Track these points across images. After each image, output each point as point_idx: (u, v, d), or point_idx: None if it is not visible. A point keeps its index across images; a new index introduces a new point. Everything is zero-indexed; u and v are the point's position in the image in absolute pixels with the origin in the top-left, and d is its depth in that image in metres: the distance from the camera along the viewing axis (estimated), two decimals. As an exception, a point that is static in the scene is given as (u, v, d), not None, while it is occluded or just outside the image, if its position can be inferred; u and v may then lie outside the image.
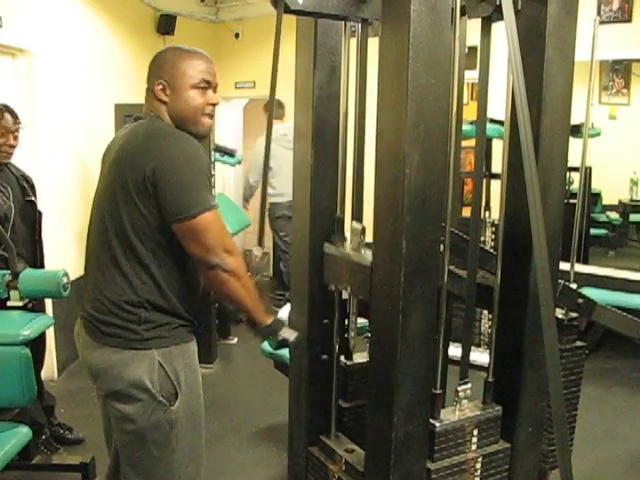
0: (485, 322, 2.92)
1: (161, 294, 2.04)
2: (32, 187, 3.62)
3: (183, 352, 2.12)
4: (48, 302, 4.26)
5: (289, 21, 1.86)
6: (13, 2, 4.43)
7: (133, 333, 2.03)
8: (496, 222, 2.69)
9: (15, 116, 3.43)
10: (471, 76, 2.01)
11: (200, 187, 1.96)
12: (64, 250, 4.62)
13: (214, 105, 2.12)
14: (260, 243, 2.18)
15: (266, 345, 3.58)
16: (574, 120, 2.00)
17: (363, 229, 2.01)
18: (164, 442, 2.08)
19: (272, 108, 2.02)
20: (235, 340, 5.97)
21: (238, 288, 2.01)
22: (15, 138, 3.43)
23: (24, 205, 3.50)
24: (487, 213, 4.13)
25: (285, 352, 2.83)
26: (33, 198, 3.58)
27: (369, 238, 1.91)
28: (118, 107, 5.33)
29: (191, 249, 1.99)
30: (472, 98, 6.54)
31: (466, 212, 4.65)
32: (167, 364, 2.05)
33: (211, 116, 2.13)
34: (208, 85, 2.11)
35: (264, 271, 2.15)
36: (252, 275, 2.11)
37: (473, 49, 1.93)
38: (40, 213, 3.64)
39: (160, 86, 2.08)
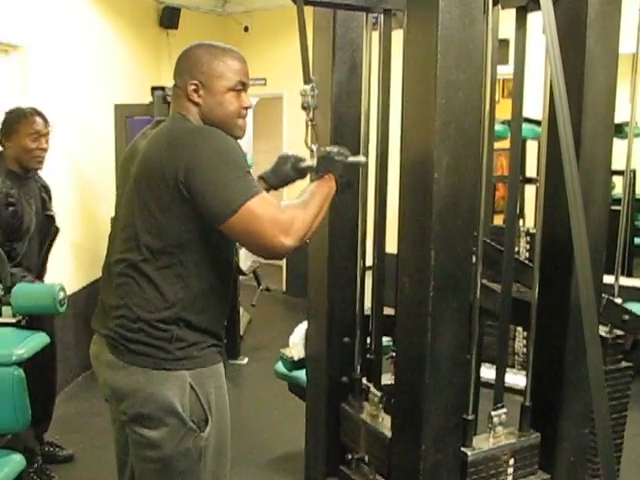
0: (520, 340, 2.90)
1: (196, 310, 2.04)
2: (50, 199, 3.68)
3: (214, 374, 2.12)
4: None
5: (305, 12, 1.87)
6: (6, -3, 4.48)
7: (164, 352, 2.02)
8: (531, 231, 2.68)
9: (45, 119, 3.48)
10: (503, 71, 2.00)
11: (237, 178, 1.94)
12: (59, 262, 4.64)
13: (248, 108, 2.14)
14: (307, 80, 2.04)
15: (280, 366, 3.59)
16: (617, 119, 1.98)
17: (383, 394, 2.06)
18: (190, 472, 2.07)
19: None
20: (245, 360, 5.97)
21: (313, 226, 2.00)
22: (47, 141, 3.50)
23: (43, 219, 3.55)
24: (521, 221, 4.12)
25: (301, 373, 2.83)
26: (52, 212, 3.63)
27: (392, 248, 1.91)
28: (118, 107, 5.36)
29: (249, 247, 2.01)
30: (503, 95, 6.53)
31: (497, 220, 4.65)
32: (199, 387, 2.05)
33: (245, 118, 2.15)
34: (243, 87, 2.13)
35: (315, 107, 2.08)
36: (307, 114, 2.02)
37: (505, 42, 1.92)
38: (57, 229, 3.68)
39: (193, 86, 2.08)
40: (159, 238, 2.00)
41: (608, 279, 2.17)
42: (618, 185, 3.88)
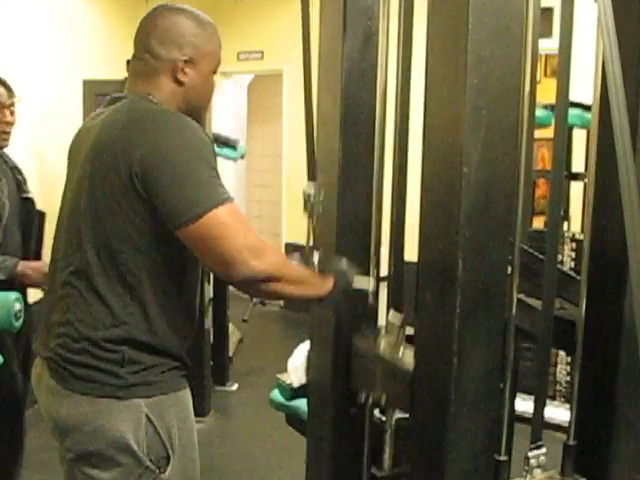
0: (563, 367, 2.90)
1: (150, 327, 2.02)
2: (25, 181, 3.64)
3: (176, 403, 2.10)
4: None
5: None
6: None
7: (114, 377, 2.00)
8: (577, 236, 2.68)
9: (9, 88, 3.47)
10: (546, 46, 2.00)
11: (208, 179, 1.93)
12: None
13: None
14: (312, 177, 2.14)
15: (276, 394, 3.58)
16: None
17: (404, 322, 2.03)
18: None
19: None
20: (235, 387, 5.98)
21: (284, 289, 2.00)
22: (12, 114, 3.48)
23: (20, 203, 3.51)
24: (566, 224, 4.12)
25: (301, 403, 2.82)
26: (30, 195, 3.59)
27: (412, 256, 1.91)
28: (87, 84, 5.37)
29: (206, 261, 1.99)
30: (546, 74, 6.53)
31: (537, 223, 4.64)
32: (157, 418, 2.03)
33: None
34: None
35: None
36: (310, 217, 2.11)
37: (549, 11, 1.92)
38: (42, 214, 3.65)
39: (182, 63, 2.09)
40: (107, 242, 1.99)
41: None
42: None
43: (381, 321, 2.18)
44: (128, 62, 5.33)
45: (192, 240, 1.93)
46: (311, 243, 2.26)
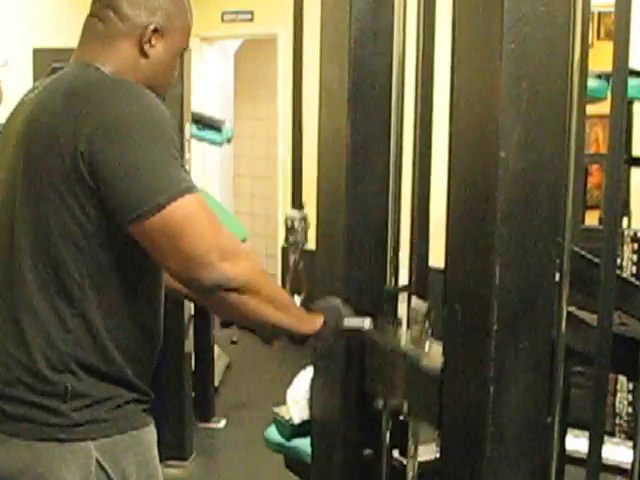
0: (624, 397, 2.90)
1: (99, 348, 2.00)
2: None
3: (135, 444, 2.09)
4: None
5: None
6: None
7: (55, 415, 1.97)
8: (640, 235, 2.68)
9: None
10: (599, 2, 2.00)
11: (171, 163, 1.92)
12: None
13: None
14: (296, 205, 2.16)
15: (273, 432, 3.59)
16: None
17: (429, 310, 2.01)
18: None
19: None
20: (222, 423, 6.00)
21: (259, 306, 1.98)
22: None
23: None
24: (625, 220, 4.12)
25: (303, 443, 2.83)
26: None
27: (438, 262, 1.91)
28: (38, 53, 5.40)
29: (167, 263, 1.95)
30: (599, 37, 6.54)
31: (591, 219, 4.64)
32: (111, 465, 2.00)
33: None
34: None
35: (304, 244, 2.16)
36: (292, 252, 2.11)
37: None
38: None
39: (151, 32, 2.10)
40: (45, 243, 1.97)
41: None
42: None
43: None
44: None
45: (149, 237, 1.91)
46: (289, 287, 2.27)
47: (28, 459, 1.99)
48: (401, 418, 2.23)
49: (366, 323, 2.11)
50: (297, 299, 2.25)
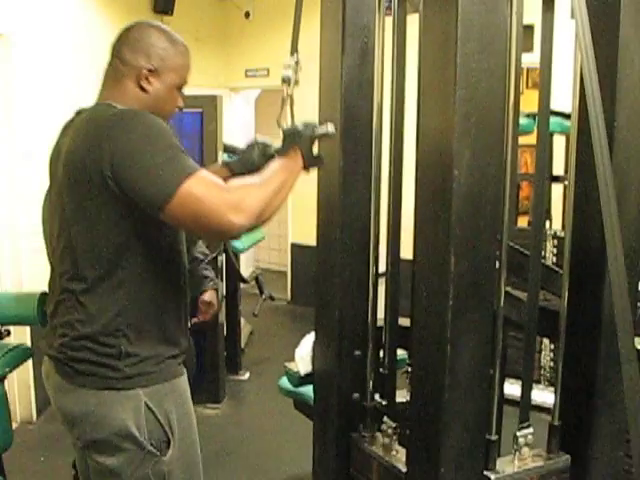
0: (547, 354, 2.90)
1: (146, 318, 2.02)
2: None
3: (174, 390, 2.09)
4: (26, 330, 4.29)
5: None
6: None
7: (112, 370, 1.99)
8: (559, 234, 2.67)
9: None
10: (528, 60, 2.00)
11: (167, 160, 1.88)
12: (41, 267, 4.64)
13: (181, 109, 2.19)
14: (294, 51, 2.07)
15: (285, 381, 3.58)
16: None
17: (396, 429, 2.04)
18: None
19: None
20: (247, 375, 5.98)
21: (272, 206, 1.94)
22: None
23: None
24: (548, 223, 4.11)
25: (308, 389, 2.82)
26: None
27: (408, 254, 1.90)
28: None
29: (199, 232, 2.01)
30: (528, 86, 6.54)
31: (521, 222, 4.64)
32: (156, 406, 2.02)
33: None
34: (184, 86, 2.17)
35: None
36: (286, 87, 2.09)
37: (530, 28, 1.91)
38: None
39: (147, 71, 2.07)
40: (93, 246, 1.97)
41: (644, 286, 2.16)
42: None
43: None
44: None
45: (176, 218, 1.89)
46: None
47: (93, 404, 1.99)
48: (381, 370, 2.23)
49: (329, 127, 2.04)
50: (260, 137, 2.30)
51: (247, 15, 8.18)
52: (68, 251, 2.01)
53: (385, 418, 2.10)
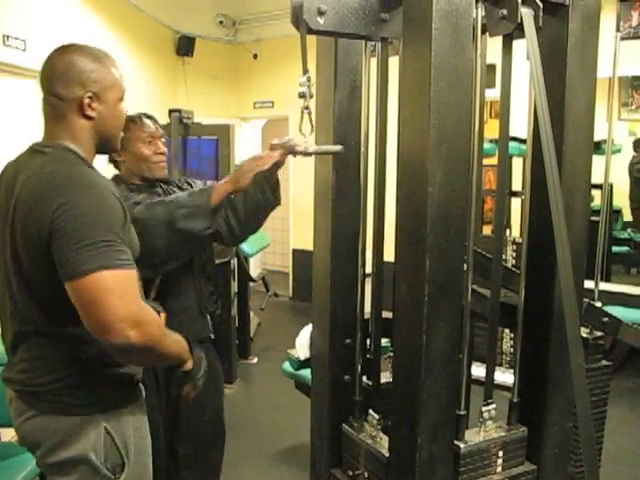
0: (508, 341, 2.89)
1: (101, 348, 1.69)
2: None
3: (133, 413, 1.90)
4: None
5: (309, 41, 1.87)
6: (34, 25, 4.48)
7: (73, 397, 1.80)
8: (517, 240, 2.67)
9: (155, 121, 2.90)
10: (491, 94, 2.00)
11: (101, 242, 1.60)
12: None
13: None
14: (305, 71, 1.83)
15: (287, 365, 3.58)
16: (596, 137, 1.98)
17: (380, 422, 2.01)
18: None
19: None
20: (255, 360, 5.98)
21: (153, 355, 1.72)
22: (164, 144, 2.86)
23: None
24: (508, 231, 4.11)
25: (307, 372, 2.82)
26: None
27: (390, 257, 1.90)
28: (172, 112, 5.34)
29: (86, 320, 1.60)
30: (491, 116, 6.54)
31: (486, 230, 4.63)
32: (115, 430, 1.83)
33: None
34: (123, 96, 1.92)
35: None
36: (304, 103, 1.86)
37: (492, 67, 1.92)
38: None
39: (88, 99, 1.80)
40: (34, 292, 1.75)
41: (589, 284, 2.16)
42: (597, 198, 3.88)
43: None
44: (170, 111, 5.33)
45: (75, 296, 1.61)
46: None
47: (53, 430, 1.81)
48: (368, 356, 2.22)
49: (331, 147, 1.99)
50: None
51: (255, 57, 8.21)
52: (19, 297, 1.78)
53: (370, 411, 2.09)
